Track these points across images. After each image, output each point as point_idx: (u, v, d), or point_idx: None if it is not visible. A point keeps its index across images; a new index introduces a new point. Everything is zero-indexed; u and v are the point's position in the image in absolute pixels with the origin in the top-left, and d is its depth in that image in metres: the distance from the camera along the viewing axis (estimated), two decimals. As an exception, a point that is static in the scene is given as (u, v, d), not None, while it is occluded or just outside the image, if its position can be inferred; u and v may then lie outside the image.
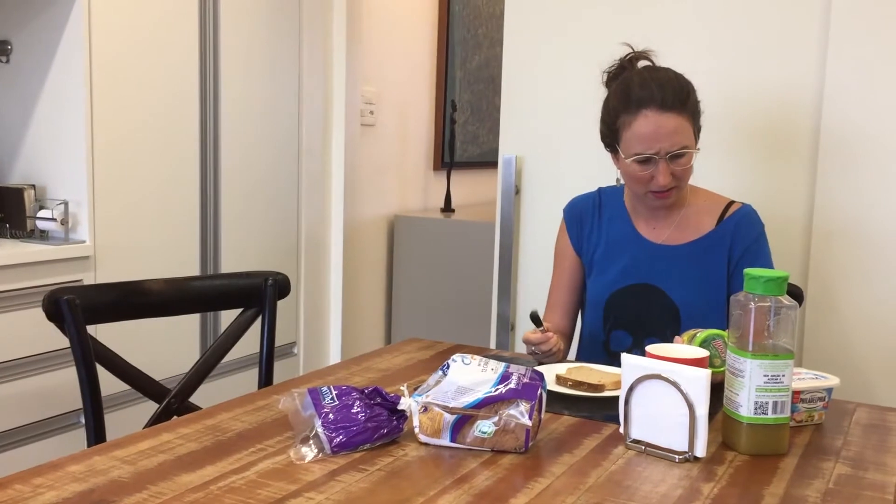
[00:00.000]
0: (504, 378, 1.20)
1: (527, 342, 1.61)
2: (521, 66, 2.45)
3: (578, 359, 1.83)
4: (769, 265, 1.71)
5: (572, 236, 1.82)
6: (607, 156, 1.73)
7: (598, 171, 2.19)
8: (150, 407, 1.66)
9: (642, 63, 1.72)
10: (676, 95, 1.60)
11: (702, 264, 1.69)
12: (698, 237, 1.70)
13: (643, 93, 1.60)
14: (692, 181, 1.72)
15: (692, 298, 1.67)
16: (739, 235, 1.69)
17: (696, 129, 1.65)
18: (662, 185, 1.61)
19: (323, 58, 3.17)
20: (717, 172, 2.13)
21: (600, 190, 1.84)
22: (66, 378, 2.29)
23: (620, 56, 1.75)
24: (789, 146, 2.13)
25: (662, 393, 1.17)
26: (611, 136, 1.67)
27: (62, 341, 1.56)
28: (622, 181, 1.73)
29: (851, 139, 2.06)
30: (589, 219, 1.81)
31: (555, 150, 2.41)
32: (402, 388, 1.22)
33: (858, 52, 2.03)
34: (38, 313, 1.54)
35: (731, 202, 1.74)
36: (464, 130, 4.09)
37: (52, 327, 1.52)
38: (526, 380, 1.20)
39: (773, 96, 2.14)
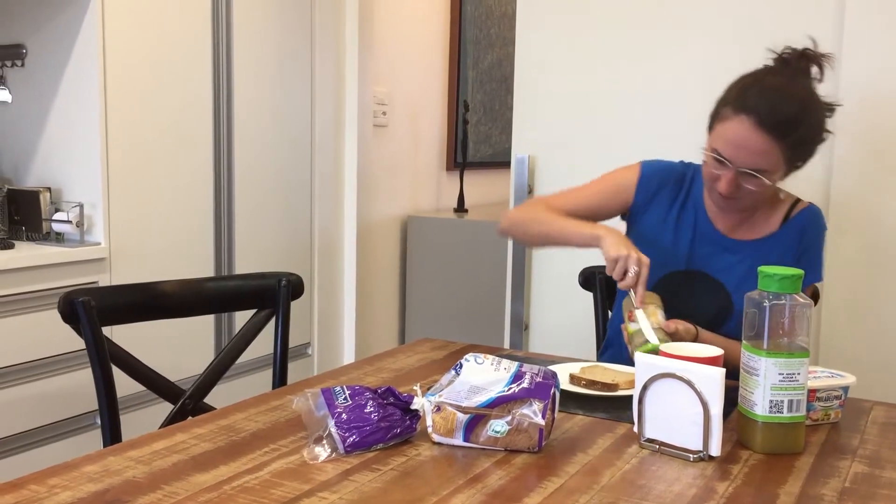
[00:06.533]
0: (517, 377, 1.20)
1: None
2: (534, 65, 2.44)
3: (612, 334, 1.80)
4: (820, 268, 1.68)
5: (640, 190, 1.73)
6: (621, 154, 1.71)
7: (611, 169, 2.18)
8: (164, 408, 1.67)
9: (811, 67, 1.60)
10: (782, 122, 1.50)
11: (767, 263, 1.65)
12: (764, 236, 1.67)
13: (756, 100, 1.51)
14: None
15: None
16: (808, 234, 1.66)
17: (790, 161, 1.56)
18: (721, 192, 1.56)
19: (335, 59, 3.18)
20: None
21: (687, 165, 1.76)
22: (82, 379, 2.30)
23: (798, 46, 1.61)
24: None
25: (676, 392, 1.16)
26: (713, 117, 1.61)
27: (78, 343, 1.57)
28: None
29: (868, 133, 2.04)
30: (667, 188, 1.72)
31: (568, 149, 2.41)
32: (415, 387, 1.22)
33: (874, 45, 2.02)
34: (54, 315, 1.54)
35: (798, 200, 1.70)
36: (476, 130, 4.08)
37: (67, 329, 1.53)
38: (539, 379, 1.20)
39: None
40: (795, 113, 1.51)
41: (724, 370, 1.15)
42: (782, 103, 1.51)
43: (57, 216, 2.37)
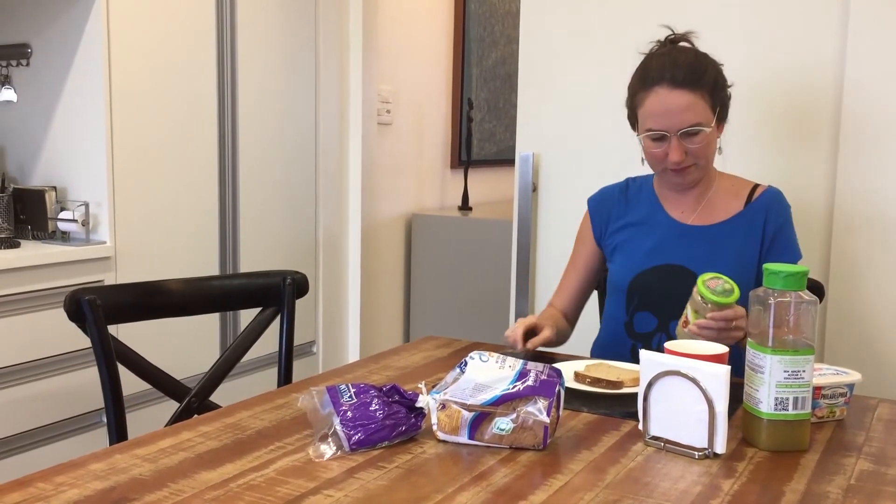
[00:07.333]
0: (522, 375, 1.20)
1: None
2: (538, 62, 2.44)
3: (599, 342, 1.82)
4: (797, 245, 1.72)
5: (595, 226, 1.83)
6: (624, 151, 1.72)
7: (615, 166, 2.18)
8: (170, 406, 1.67)
9: (682, 45, 1.71)
10: (690, 73, 1.60)
11: (733, 244, 1.69)
12: (728, 217, 1.71)
13: (657, 71, 1.62)
14: (721, 166, 1.72)
15: None
16: (773, 214, 1.70)
17: (717, 108, 1.63)
18: (675, 163, 1.62)
19: (339, 57, 3.18)
20: (736, 163, 2.11)
21: (629, 179, 1.85)
22: (88, 378, 2.31)
23: (660, 38, 1.73)
24: (810, 135, 2.11)
25: (682, 389, 1.16)
26: (631, 115, 1.70)
27: (84, 341, 1.57)
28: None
29: (873, 127, 2.04)
30: (615, 207, 1.81)
31: (572, 146, 2.41)
32: (420, 385, 1.22)
33: (879, 36, 2.01)
34: (60, 314, 1.55)
35: (757, 185, 1.75)
36: (480, 128, 4.08)
37: (73, 327, 1.54)
38: (544, 377, 1.20)
39: (793, 83, 2.12)
40: (693, 62, 1.62)
41: (729, 367, 1.15)
42: (678, 61, 1.62)
43: (62, 215, 2.38)
